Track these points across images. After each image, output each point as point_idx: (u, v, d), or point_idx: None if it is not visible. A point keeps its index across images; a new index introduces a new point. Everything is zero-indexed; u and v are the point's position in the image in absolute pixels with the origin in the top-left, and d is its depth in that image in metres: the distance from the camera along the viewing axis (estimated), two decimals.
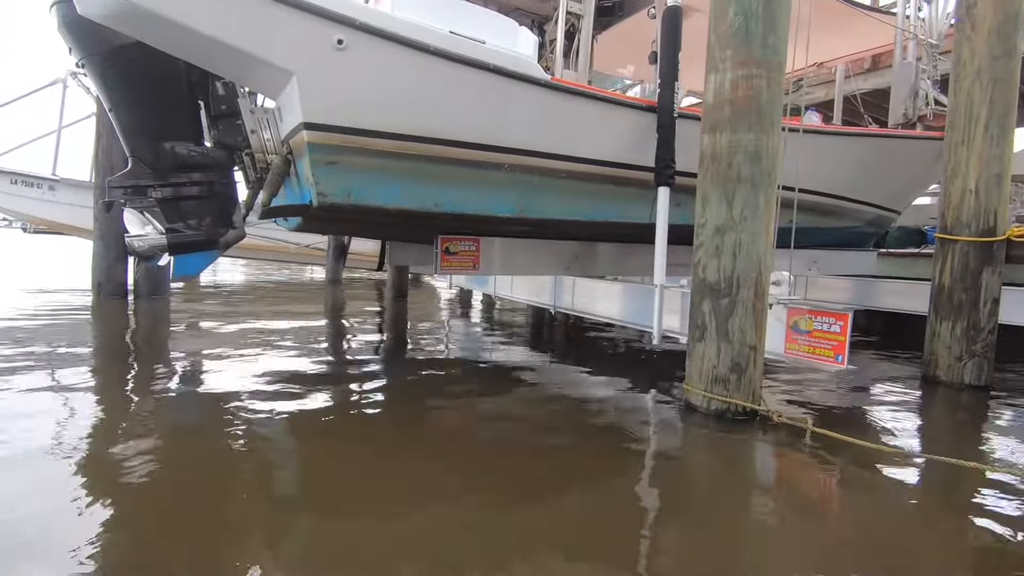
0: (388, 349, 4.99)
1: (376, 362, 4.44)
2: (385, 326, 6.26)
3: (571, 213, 4.27)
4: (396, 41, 3.18)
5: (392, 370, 4.19)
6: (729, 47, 2.91)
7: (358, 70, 3.17)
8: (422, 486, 2.14)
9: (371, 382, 3.80)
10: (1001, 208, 3.97)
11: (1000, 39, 3.88)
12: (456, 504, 2.00)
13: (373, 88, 3.26)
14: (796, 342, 3.24)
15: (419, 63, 3.28)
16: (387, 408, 3.24)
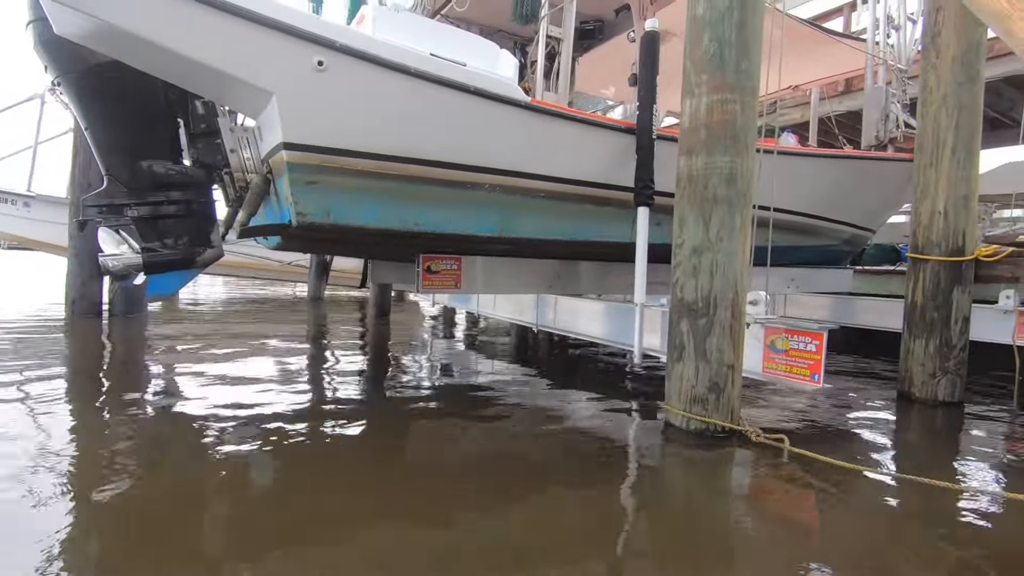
0: (368, 370, 4.93)
1: (355, 383, 4.38)
2: (366, 345, 6.20)
3: (552, 232, 4.30)
4: (376, 63, 3.20)
5: (371, 393, 4.14)
6: (704, 72, 2.98)
7: (338, 91, 3.18)
8: (395, 513, 2.10)
9: (349, 405, 3.75)
10: (969, 228, 4.08)
11: (964, 66, 4.03)
12: (433, 531, 1.97)
13: (353, 109, 3.28)
14: (773, 361, 3.27)
15: (400, 85, 3.31)
16: (364, 434, 3.19)
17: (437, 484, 2.40)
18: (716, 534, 2.08)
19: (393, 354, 5.81)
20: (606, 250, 4.66)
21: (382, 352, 5.86)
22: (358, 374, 4.65)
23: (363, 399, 3.85)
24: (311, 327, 7.44)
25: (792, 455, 2.71)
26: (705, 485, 2.58)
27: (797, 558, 1.88)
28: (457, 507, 2.16)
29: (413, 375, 4.80)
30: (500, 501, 2.24)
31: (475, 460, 2.78)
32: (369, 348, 5.99)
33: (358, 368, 4.90)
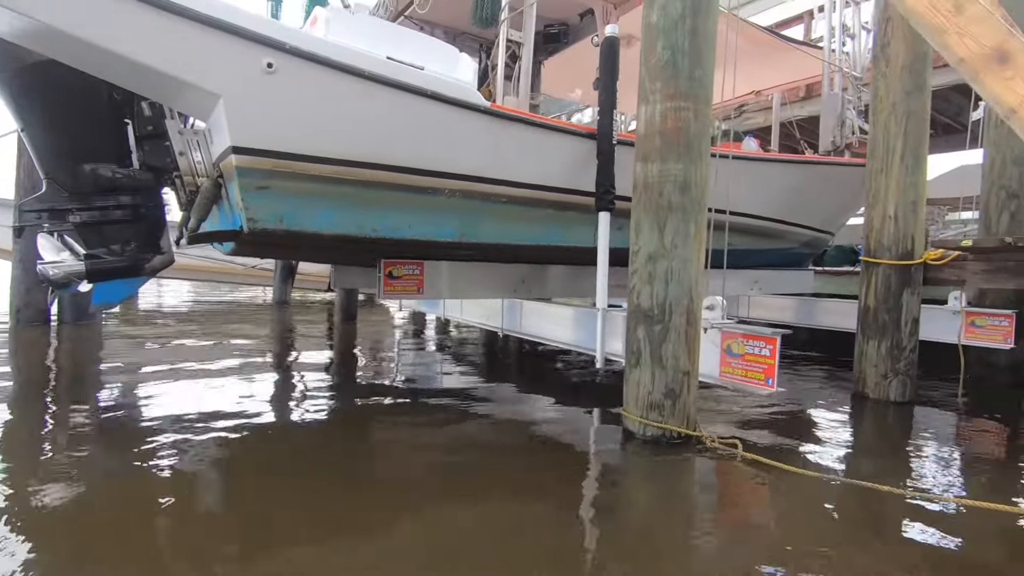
0: (333, 377, 4.83)
1: (319, 391, 4.29)
2: (331, 351, 6.09)
3: (514, 237, 4.28)
4: (329, 66, 3.13)
5: (336, 401, 4.05)
6: (658, 80, 2.99)
7: (289, 94, 3.10)
8: (363, 522, 2.05)
9: (312, 414, 3.66)
10: (917, 233, 4.20)
11: (912, 75, 4.15)
12: (393, 537, 1.92)
13: (306, 113, 3.20)
14: (730, 365, 3.30)
15: (354, 88, 3.24)
16: (328, 443, 3.11)
17: (390, 491, 2.35)
18: (668, 538, 2.08)
19: (357, 360, 5.71)
20: (571, 254, 4.67)
21: (345, 358, 5.76)
22: (317, 381, 4.56)
23: (319, 407, 3.77)
24: (273, 333, 7.28)
25: (744, 459, 2.74)
26: (659, 491, 2.59)
27: (746, 561, 1.89)
28: (405, 517, 2.12)
29: (376, 382, 4.72)
30: (451, 509, 2.20)
31: (428, 468, 2.74)
32: (332, 354, 5.88)
33: (317, 375, 4.80)
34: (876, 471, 3.02)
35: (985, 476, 2.94)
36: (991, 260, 3.97)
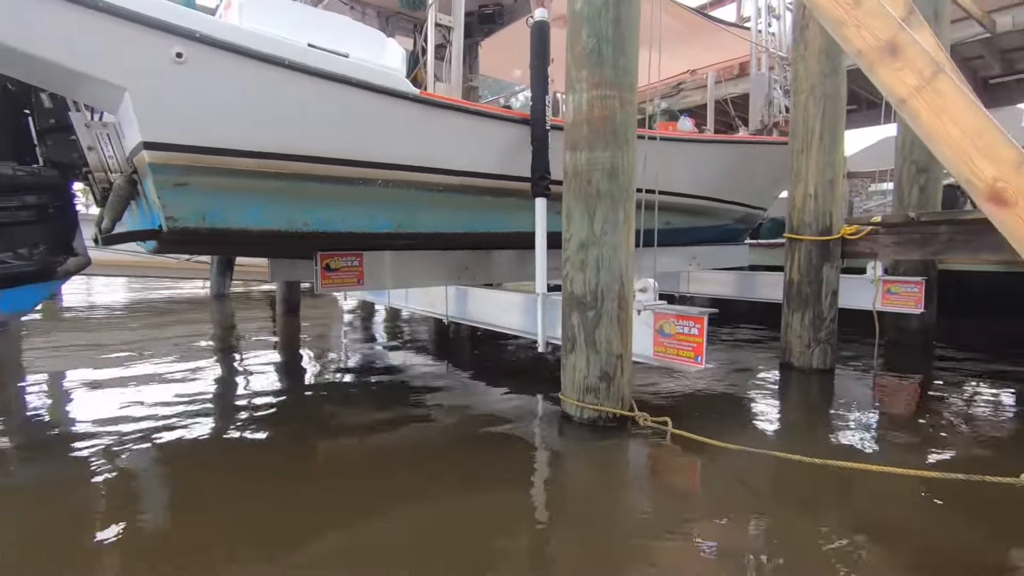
0: (274, 373, 4.72)
1: (258, 388, 4.18)
2: (272, 346, 5.93)
3: (453, 225, 4.26)
4: (245, 55, 2.99)
5: (277, 397, 3.97)
6: (584, 68, 3.01)
7: (203, 85, 2.95)
8: (307, 519, 2.04)
9: (251, 412, 3.57)
10: (836, 209, 4.45)
11: (828, 58, 4.34)
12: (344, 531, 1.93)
13: (224, 104, 3.05)
14: (663, 345, 3.44)
15: (274, 78, 3.11)
16: (270, 439, 3.05)
17: (331, 483, 2.35)
18: (605, 513, 2.18)
19: (300, 354, 5.59)
20: (514, 240, 4.69)
21: (288, 352, 5.63)
22: (256, 378, 4.44)
23: (259, 405, 3.68)
24: (211, 328, 7.01)
25: (675, 436, 2.88)
26: (595, 470, 2.69)
27: (675, 531, 2.00)
28: (348, 511, 2.13)
29: (320, 374, 4.65)
30: (397, 500, 2.22)
31: (372, 458, 2.75)
32: (273, 349, 5.73)
33: (257, 371, 4.68)
34: (796, 440, 3.25)
35: (900, 436, 3.19)
36: (900, 233, 4.26)
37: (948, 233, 4.04)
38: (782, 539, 2.02)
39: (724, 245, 7.26)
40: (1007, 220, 1.93)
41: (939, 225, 4.09)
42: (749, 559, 1.86)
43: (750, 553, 1.90)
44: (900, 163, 5.60)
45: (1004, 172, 1.92)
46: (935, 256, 4.27)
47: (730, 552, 1.90)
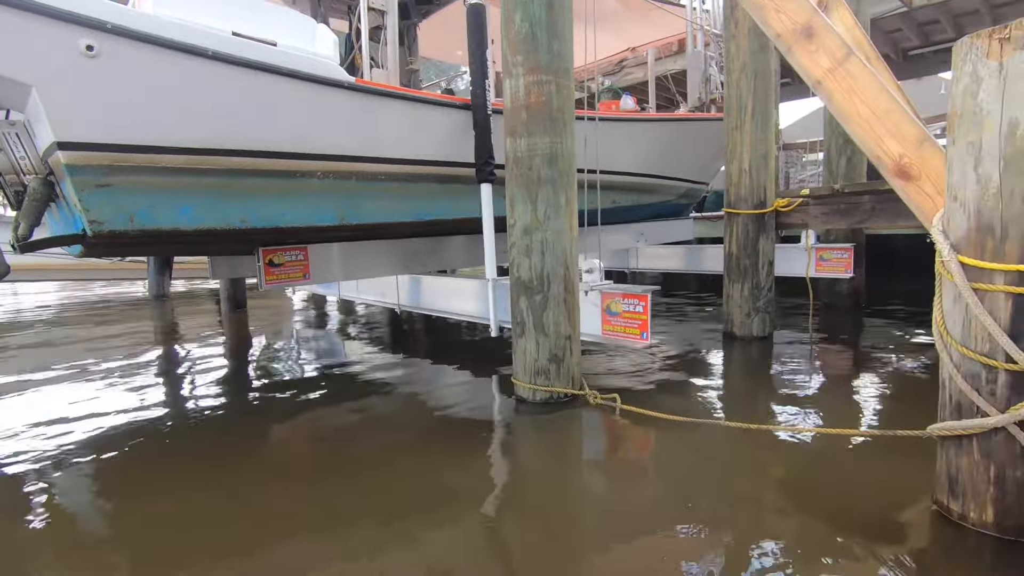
0: (220, 373, 4.59)
1: (203, 391, 4.06)
2: (218, 345, 5.75)
3: (399, 215, 4.21)
4: (163, 46, 2.84)
5: (224, 395, 3.87)
6: (519, 53, 3.01)
7: (119, 79, 2.79)
8: (263, 519, 2.02)
9: (196, 417, 3.47)
10: (769, 184, 4.64)
11: (757, 36, 4.47)
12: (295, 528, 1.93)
13: (145, 99, 2.90)
14: (611, 323, 3.54)
15: (196, 70, 2.97)
16: (217, 440, 2.99)
17: (283, 478, 2.33)
18: (559, 490, 2.26)
19: (248, 351, 5.45)
20: (463, 226, 4.67)
21: (235, 351, 5.47)
22: (201, 380, 4.31)
23: (204, 408, 3.59)
24: (150, 330, 6.72)
25: (624, 412, 2.99)
26: (548, 450, 2.77)
27: (624, 502, 2.11)
28: (305, 504, 2.13)
29: (271, 371, 4.55)
30: (355, 487, 2.24)
31: (325, 451, 2.74)
32: (219, 348, 5.56)
33: (202, 373, 4.54)
34: (738, 406, 3.43)
35: (831, 396, 3.42)
36: (827, 204, 4.49)
37: (871, 202, 4.29)
38: (722, 499, 2.15)
39: (670, 220, 7.46)
40: (911, 192, 2.07)
41: (862, 195, 4.34)
42: (696, 524, 1.98)
43: (697, 518, 2.02)
44: (828, 135, 5.87)
45: (908, 149, 2.06)
46: (860, 224, 4.53)
47: (678, 517, 2.02)
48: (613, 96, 7.12)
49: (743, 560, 1.76)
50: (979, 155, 1.69)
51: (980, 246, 1.72)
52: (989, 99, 1.66)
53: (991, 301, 1.71)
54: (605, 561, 1.80)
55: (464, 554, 1.86)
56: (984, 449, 1.79)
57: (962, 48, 1.74)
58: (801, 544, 1.83)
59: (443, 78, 7.93)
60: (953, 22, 8.02)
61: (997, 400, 1.73)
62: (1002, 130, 1.64)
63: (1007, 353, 1.67)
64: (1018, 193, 1.63)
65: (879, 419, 3.00)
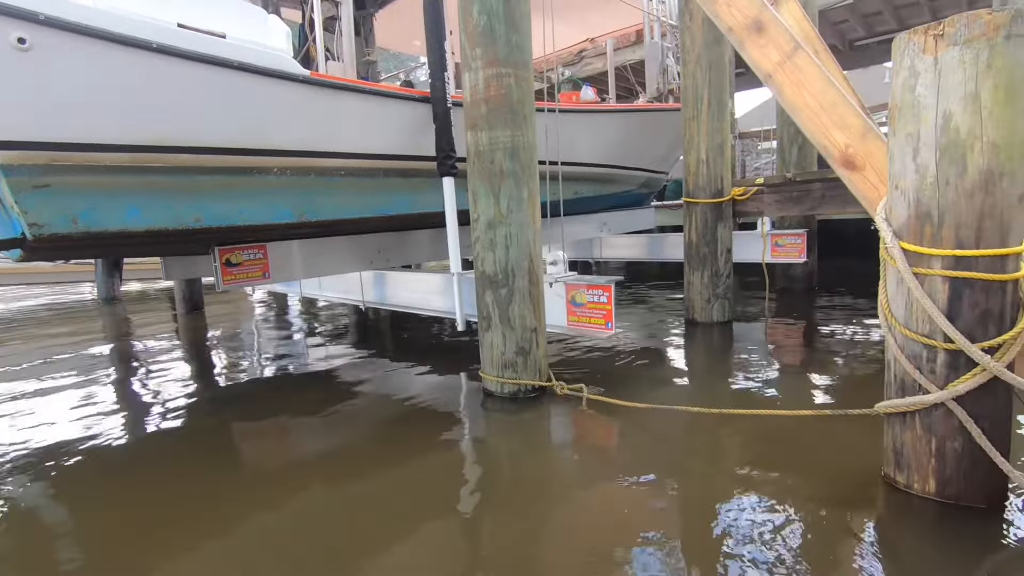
0: (181, 373, 4.44)
1: (157, 393, 3.92)
2: (175, 346, 5.56)
3: (360, 210, 4.14)
4: (101, 38, 2.70)
5: (184, 398, 3.74)
6: (478, 46, 2.99)
7: (55, 74, 2.65)
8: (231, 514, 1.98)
9: (153, 425, 3.36)
10: (726, 173, 4.76)
11: (711, 28, 4.55)
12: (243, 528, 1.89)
13: (83, 94, 2.76)
14: (576, 314, 3.58)
15: (140, 64, 2.84)
16: (173, 446, 2.90)
17: (255, 476, 2.29)
18: (529, 481, 2.29)
19: (206, 352, 5.29)
20: (426, 220, 4.63)
21: (193, 354, 5.30)
22: (156, 386, 4.17)
23: (162, 416, 3.47)
24: (100, 335, 6.44)
25: (591, 401, 3.04)
26: (518, 441, 2.79)
27: (593, 488, 2.15)
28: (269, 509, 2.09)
29: (230, 372, 4.43)
30: (316, 490, 2.21)
31: (294, 449, 2.69)
32: (177, 353, 5.38)
33: (158, 379, 4.39)
34: (701, 391, 3.53)
35: (787, 378, 3.55)
36: (780, 192, 4.64)
37: (821, 190, 4.46)
38: (687, 481, 2.22)
39: (631, 210, 7.57)
40: (856, 181, 2.16)
41: (813, 183, 4.50)
42: (662, 504, 2.04)
43: (663, 499, 2.08)
44: (780, 125, 6.05)
45: (853, 140, 2.14)
46: (812, 211, 4.70)
47: (646, 499, 2.07)
48: (573, 87, 7.16)
49: (705, 527, 1.82)
50: (917, 146, 1.78)
51: (919, 232, 1.81)
52: (925, 92, 1.75)
53: (930, 285, 1.81)
54: (567, 547, 1.84)
55: (433, 548, 1.87)
56: (925, 424, 1.90)
57: (900, 43, 1.82)
58: (762, 513, 1.91)
59: (402, 70, 7.81)
60: (895, 13, 8.35)
61: (937, 378, 1.84)
62: (938, 122, 1.73)
63: (945, 333, 1.77)
64: (953, 182, 1.72)
65: (832, 398, 3.14)
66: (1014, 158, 1.67)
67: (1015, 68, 1.63)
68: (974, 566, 1.65)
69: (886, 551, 1.73)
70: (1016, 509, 1.87)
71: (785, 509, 1.97)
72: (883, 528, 1.86)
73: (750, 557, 1.72)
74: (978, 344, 1.74)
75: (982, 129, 1.66)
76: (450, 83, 3.99)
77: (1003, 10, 1.62)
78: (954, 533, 1.78)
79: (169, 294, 9.38)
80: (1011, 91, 1.63)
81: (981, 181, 1.68)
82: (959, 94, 1.68)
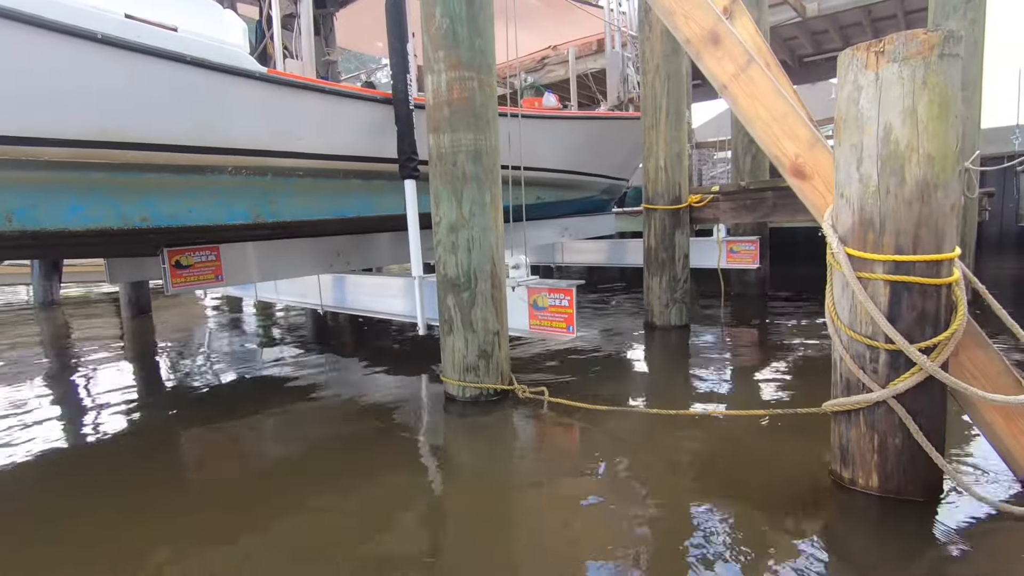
0: (121, 382, 4.23)
1: (101, 403, 3.73)
2: (118, 354, 5.30)
3: (320, 212, 4.05)
4: (43, 27, 2.56)
5: (124, 411, 3.56)
6: (441, 49, 2.98)
7: None
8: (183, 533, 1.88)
9: (92, 435, 3.18)
10: (683, 180, 4.89)
11: (670, 39, 4.68)
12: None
13: (20, 86, 2.61)
14: (537, 318, 3.60)
15: (84, 55, 2.71)
16: (118, 459, 2.75)
17: (211, 492, 2.19)
18: (493, 484, 2.28)
19: (155, 361, 5.06)
20: (387, 223, 4.57)
21: (139, 361, 5.07)
22: (102, 398, 3.96)
23: (107, 428, 3.30)
24: (35, 342, 6.08)
25: (552, 404, 3.06)
26: (480, 446, 2.78)
27: (555, 490, 2.16)
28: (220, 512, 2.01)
29: (180, 380, 4.25)
30: (274, 502, 2.14)
31: (251, 460, 2.60)
32: (121, 359, 5.13)
33: (103, 390, 4.17)
34: (660, 392, 3.60)
35: (741, 380, 3.66)
36: (735, 200, 4.80)
37: (773, 198, 4.63)
38: (646, 481, 2.25)
39: (593, 215, 7.68)
40: (806, 189, 2.26)
41: (765, 192, 4.67)
42: (620, 505, 2.06)
43: (621, 499, 2.10)
44: (735, 135, 6.26)
45: (802, 150, 2.24)
46: (764, 219, 4.87)
47: (606, 500, 2.10)
48: (536, 93, 7.22)
49: (661, 524, 1.86)
50: (861, 156, 1.87)
51: (863, 239, 1.90)
52: (868, 106, 1.84)
53: (873, 288, 1.90)
54: (530, 552, 1.84)
55: (394, 556, 1.84)
56: (869, 421, 1.99)
57: (845, 59, 1.92)
58: (715, 509, 1.96)
59: (363, 70, 7.71)
60: (840, 33, 8.79)
61: (879, 377, 1.93)
62: (879, 134, 1.82)
63: (886, 335, 1.87)
64: (893, 191, 1.82)
65: (784, 398, 3.26)
66: (947, 169, 1.77)
67: (947, 85, 1.74)
68: (911, 556, 1.73)
69: (831, 544, 1.80)
70: (949, 501, 1.98)
71: (736, 505, 2.03)
72: (829, 522, 1.93)
73: (702, 550, 1.76)
74: (916, 344, 1.84)
75: (919, 142, 1.76)
76: (412, 85, 3.96)
77: (938, 30, 1.72)
78: (894, 526, 1.87)
79: (114, 298, 8.94)
80: (944, 107, 1.74)
81: (918, 191, 1.78)
82: (898, 108, 1.78)
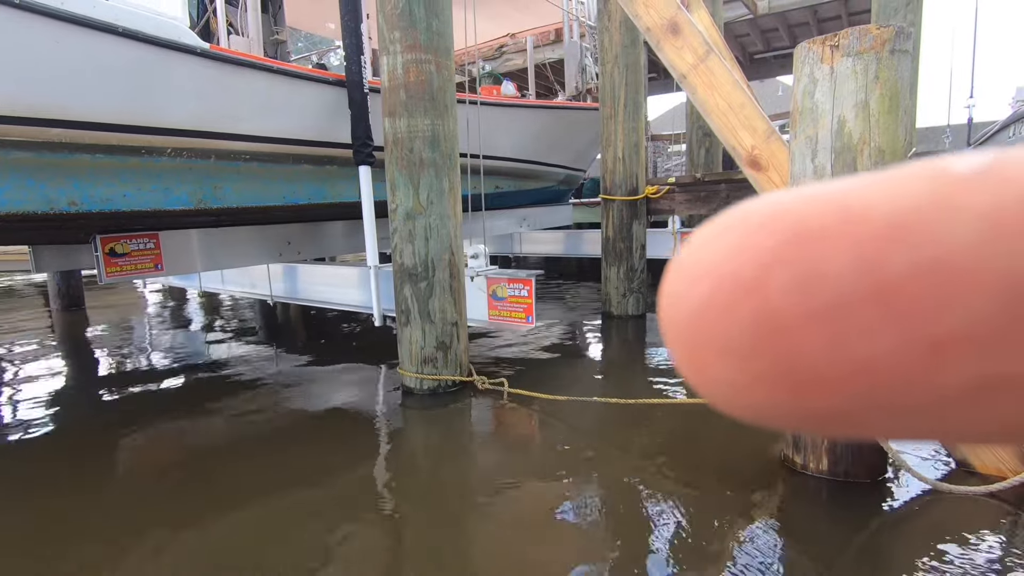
0: (51, 383, 3.94)
1: (29, 406, 3.46)
2: (48, 351, 4.94)
3: (268, 198, 3.87)
4: None
5: (54, 414, 3.32)
6: (397, 29, 2.87)
7: None
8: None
9: (18, 439, 2.94)
10: (640, 172, 4.94)
11: (628, 30, 4.69)
12: None
13: None
14: (496, 308, 3.56)
15: (1, 23, 2.46)
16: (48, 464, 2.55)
17: (154, 495, 2.05)
18: (450, 477, 2.23)
19: (90, 357, 4.74)
20: (340, 210, 4.42)
21: (72, 358, 4.74)
22: (29, 400, 3.68)
23: (26, 425, 3.06)
24: None
25: (512, 395, 3.03)
26: (438, 438, 2.73)
27: (514, 480, 2.13)
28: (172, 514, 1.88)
29: (113, 379, 3.99)
30: (225, 504, 2.02)
31: (198, 462, 2.46)
32: (50, 356, 4.78)
33: (23, 387, 3.87)
34: (617, 381, 3.63)
35: None
36: (690, 192, 4.88)
37: (726, 190, 4.73)
38: (605, 468, 2.26)
39: (551, 206, 7.69)
40: (762, 180, 2.30)
41: (719, 184, 4.77)
42: (578, 493, 2.06)
43: (580, 488, 2.10)
44: (690, 128, 6.37)
45: (759, 141, 2.27)
46: (718, 210, 4.89)
47: (564, 489, 2.09)
48: (494, 81, 7.13)
49: (617, 511, 1.86)
50: (815, 148, 1.91)
51: None
52: (823, 99, 1.87)
53: None
54: (488, 545, 1.81)
55: (350, 554, 1.77)
56: None
57: (802, 51, 1.95)
58: (672, 495, 1.98)
59: (314, 51, 7.42)
60: (789, 31, 9.07)
61: None
62: (833, 127, 1.86)
63: None
64: None
65: None
66: (896, 163, 1.83)
67: (898, 80, 1.79)
68: (857, 531, 1.80)
69: (783, 525, 1.85)
70: (891, 481, 2.08)
71: (691, 491, 2.06)
72: (781, 505, 1.99)
73: (658, 535, 1.78)
74: None
75: (871, 135, 1.80)
76: (367, 68, 3.82)
77: (889, 26, 1.77)
78: (843, 505, 1.94)
79: (42, 289, 8.34)
80: (894, 101, 1.79)
81: None
82: (851, 102, 1.82)
